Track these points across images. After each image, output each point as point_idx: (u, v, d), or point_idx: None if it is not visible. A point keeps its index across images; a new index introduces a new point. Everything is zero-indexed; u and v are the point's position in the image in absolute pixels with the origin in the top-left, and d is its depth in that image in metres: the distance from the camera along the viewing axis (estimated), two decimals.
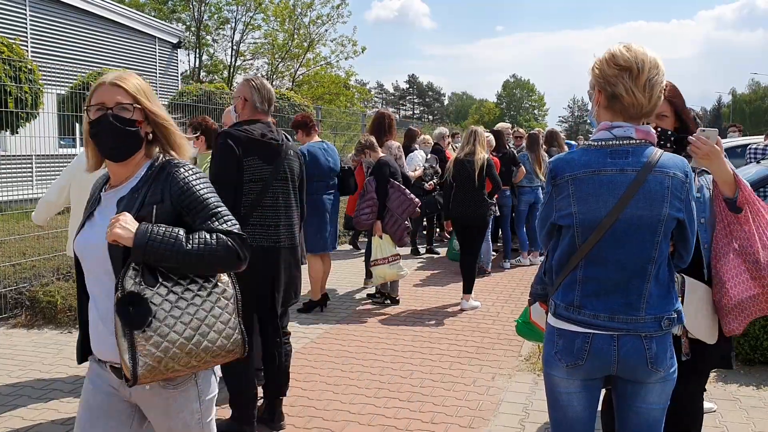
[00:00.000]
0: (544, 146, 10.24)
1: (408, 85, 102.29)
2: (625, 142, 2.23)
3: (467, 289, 7.20)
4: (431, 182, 9.57)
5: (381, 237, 6.94)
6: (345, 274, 8.96)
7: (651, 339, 2.22)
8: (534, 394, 4.69)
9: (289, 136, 4.08)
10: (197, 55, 38.99)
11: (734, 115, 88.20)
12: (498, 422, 4.25)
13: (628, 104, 2.23)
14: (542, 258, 2.65)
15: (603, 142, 2.26)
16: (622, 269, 2.21)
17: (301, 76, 38.06)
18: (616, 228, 2.19)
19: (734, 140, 11.92)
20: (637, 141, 2.22)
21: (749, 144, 9.92)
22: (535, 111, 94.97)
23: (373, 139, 7.35)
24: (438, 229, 11.90)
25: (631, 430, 2.36)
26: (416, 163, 9.67)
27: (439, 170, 9.88)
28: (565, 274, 2.29)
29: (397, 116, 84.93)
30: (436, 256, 10.42)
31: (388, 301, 7.29)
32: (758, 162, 7.59)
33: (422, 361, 5.44)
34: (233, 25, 38.12)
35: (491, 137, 9.05)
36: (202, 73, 39.04)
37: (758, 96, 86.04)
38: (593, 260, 2.23)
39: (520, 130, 12.46)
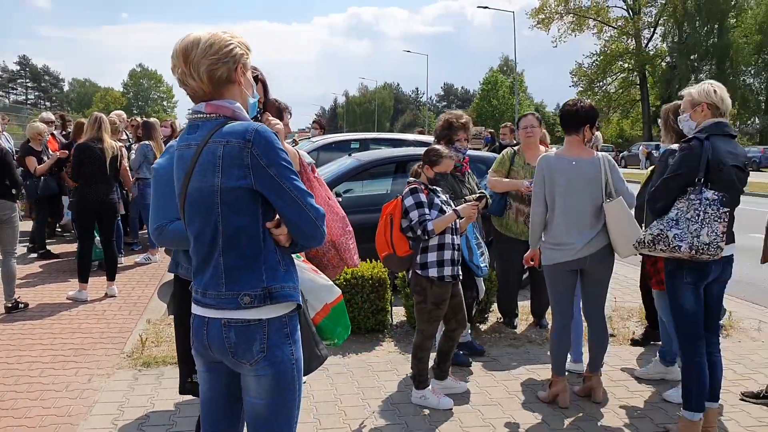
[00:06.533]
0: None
1: (19, 68, 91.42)
2: None
3: (83, 279, 7.04)
4: None
5: None
6: None
7: None
8: (132, 390, 4.51)
9: None
10: None
11: (348, 115, 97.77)
12: (88, 425, 3.97)
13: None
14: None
15: None
16: None
17: None
18: None
19: (332, 137, 12.95)
20: None
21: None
22: (164, 102, 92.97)
23: None
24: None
25: None
26: None
27: None
28: None
29: (6, 101, 75.15)
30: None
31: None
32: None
33: (5, 372, 4.83)
34: None
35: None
36: None
37: (366, 98, 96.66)
38: None
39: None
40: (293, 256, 2.34)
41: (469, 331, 5.38)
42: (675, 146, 3.97)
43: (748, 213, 4.72)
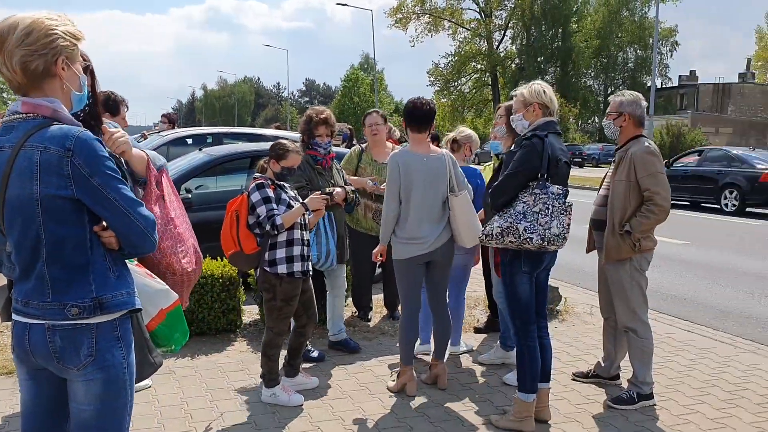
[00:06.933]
0: None
1: None
2: None
3: None
4: None
5: None
6: None
7: None
8: None
9: None
10: None
11: (206, 108, 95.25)
12: None
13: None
14: None
15: None
16: None
17: None
18: None
19: (182, 131, 12.62)
20: None
21: None
22: (4, 95, 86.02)
23: None
24: None
25: None
26: None
27: None
28: None
29: None
30: None
31: None
32: None
33: None
34: None
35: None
36: None
37: (226, 92, 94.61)
38: None
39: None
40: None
41: (343, 328, 5.41)
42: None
43: (585, 206, 5.09)
